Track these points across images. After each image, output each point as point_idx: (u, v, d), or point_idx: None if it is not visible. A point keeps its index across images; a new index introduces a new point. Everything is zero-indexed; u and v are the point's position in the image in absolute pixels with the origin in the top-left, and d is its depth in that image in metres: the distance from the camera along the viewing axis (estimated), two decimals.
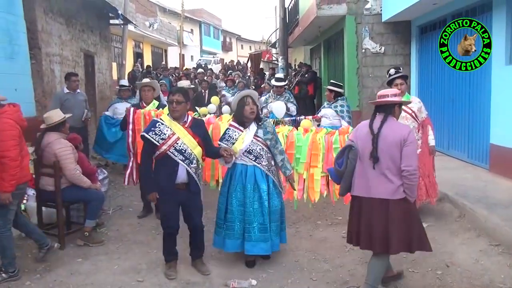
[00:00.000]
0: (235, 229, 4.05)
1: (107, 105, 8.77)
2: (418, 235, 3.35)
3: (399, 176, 3.28)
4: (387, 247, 3.31)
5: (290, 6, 15.96)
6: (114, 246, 4.72)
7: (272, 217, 4.07)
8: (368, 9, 10.10)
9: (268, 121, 4.33)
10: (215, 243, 4.23)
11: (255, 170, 4.06)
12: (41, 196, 4.79)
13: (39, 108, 7.51)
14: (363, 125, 3.54)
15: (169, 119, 3.88)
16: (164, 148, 3.76)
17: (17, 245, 4.66)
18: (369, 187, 3.36)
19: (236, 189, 4.07)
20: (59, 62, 8.94)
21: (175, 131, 3.81)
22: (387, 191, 3.30)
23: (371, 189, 3.35)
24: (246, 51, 41.63)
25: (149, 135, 3.79)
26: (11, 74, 6.64)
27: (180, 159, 3.80)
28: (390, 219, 3.28)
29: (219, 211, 4.19)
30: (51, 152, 4.59)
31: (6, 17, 6.60)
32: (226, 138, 4.13)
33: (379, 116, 3.43)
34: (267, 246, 4.02)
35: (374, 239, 3.34)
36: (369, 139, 3.37)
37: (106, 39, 12.77)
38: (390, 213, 3.28)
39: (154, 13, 31.55)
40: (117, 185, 7.13)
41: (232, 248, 4.10)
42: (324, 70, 15.09)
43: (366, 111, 10.13)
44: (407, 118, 4.92)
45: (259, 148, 4.06)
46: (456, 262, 4.07)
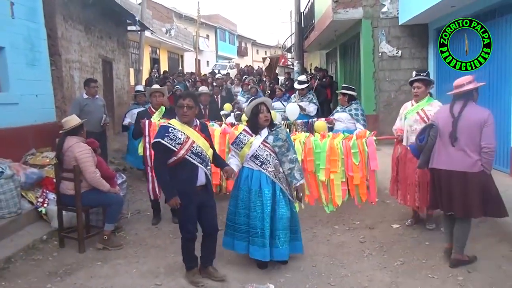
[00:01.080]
0: (243, 231, 4.09)
1: (125, 110, 8.88)
2: (495, 202, 3.92)
3: (477, 152, 3.84)
4: (469, 213, 3.92)
5: (306, 11, 15.98)
6: (133, 250, 4.77)
7: (278, 225, 4.02)
8: (384, 12, 10.06)
9: (281, 128, 4.30)
10: (224, 243, 4.24)
11: (260, 175, 4.06)
12: (61, 200, 4.87)
13: (59, 114, 7.65)
14: (443, 109, 4.18)
15: (179, 124, 3.82)
16: (182, 152, 3.74)
17: (37, 248, 4.77)
18: (449, 161, 3.95)
19: (242, 192, 4.11)
20: (78, 68, 9.09)
21: (189, 134, 3.79)
22: (466, 165, 3.87)
23: (452, 163, 3.93)
24: (261, 56, 41.68)
25: (165, 141, 3.69)
26: (33, 81, 6.80)
27: (198, 162, 3.81)
28: (470, 189, 3.85)
29: (229, 213, 4.22)
30: (71, 156, 4.67)
31: (28, 25, 6.75)
32: (237, 142, 4.17)
33: (458, 102, 3.97)
34: (265, 252, 4.00)
35: (455, 205, 3.94)
36: (449, 121, 3.95)
37: (124, 45, 12.94)
38: (469, 184, 3.85)
39: (171, 19, 31.87)
40: (135, 190, 7.21)
41: (241, 250, 4.13)
42: (340, 74, 15.04)
43: (383, 115, 10.07)
44: (420, 122, 4.77)
45: (266, 154, 4.06)
46: (478, 268, 4.00)
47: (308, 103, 7.74)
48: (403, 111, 5.10)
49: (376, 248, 4.63)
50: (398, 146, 5.12)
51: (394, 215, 5.59)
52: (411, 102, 5.09)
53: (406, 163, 4.95)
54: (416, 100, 4.93)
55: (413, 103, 5.01)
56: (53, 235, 5.09)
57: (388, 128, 7.16)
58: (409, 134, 4.90)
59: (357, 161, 4.75)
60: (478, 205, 3.86)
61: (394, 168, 5.15)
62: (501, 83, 6.68)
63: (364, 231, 5.16)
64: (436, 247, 4.51)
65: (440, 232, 4.89)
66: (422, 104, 4.88)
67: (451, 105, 4.02)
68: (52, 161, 5.99)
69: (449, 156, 3.95)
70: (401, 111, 5.20)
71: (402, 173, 5.02)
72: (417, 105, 4.91)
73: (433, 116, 4.28)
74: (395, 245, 4.68)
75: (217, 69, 29.23)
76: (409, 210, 5.46)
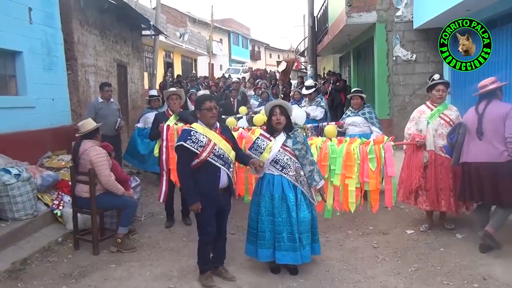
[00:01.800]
0: (266, 238, 4.04)
1: (139, 113, 8.96)
2: None
3: (503, 143, 4.21)
4: (501, 201, 4.27)
5: (319, 14, 15.97)
6: (146, 253, 4.80)
7: (301, 228, 4.01)
8: (399, 16, 10.01)
9: (298, 131, 4.29)
10: (247, 251, 4.23)
11: (282, 180, 4.04)
12: (76, 202, 4.93)
13: (75, 117, 7.76)
14: (470, 110, 4.57)
15: (202, 127, 3.86)
16: (204, 155, 3.77)
17: (53, 250, 4.83)
18: (478, 154, 4.34)
19: (264, 198, 4.07)
20: (93, 73, 9.21)
21: (210, 137, 3.83)
22: (494, 156, 4.24)
23: (480, 155, 4.32)
24: (274, 60, 41.76)
25: (187, 143, 3.74)
26: (49, 85, 6.91)
27: (221, 164, 3.83)
28: (500, 178, 4.21)
29: (251, 220, 4.19)
30: (87, 159, 4.73)
31: (46, 30, 6.87)
32: (254, 147, 4.15)
33: (483, 101, 4.42)
34: (296, 256, 3.98)
35: (486, 195, 4.31)
36: (475, 118, 4.39)
37: (138, 49, 13.07)
38: (499, 173, 4.21)
39: (184, 23, 32.12)
40: (148, 193, 7.26)
41: (264, 258, 4.08)
42: (353, 79, 14.98)
43: (397, 119, 10.00)
44: (446, 126, 4.87)
45: (286, 158, 4.04)
46: (494, 275, 3.94)
47: (315, 107, 7.76)
48: (420, 115, 5.05)
49: (390, 253, 4.59)
50: (423, 151, 4.96)
51: (408, 221, 5.53)
52: (425, 106, 5.06)
53: (436, 167, 4.90)
54: (439, 103, 4.92)
55: (430, 107, 4.98)
56: (68, 237, 5.15)
57: (402, 132, 7.08)
58: (435, 138, 4.90)
59: (373, 167, 4.65)
60: (509, 193, 4.19)
61: (417, 175, 4.99)
62: None
63: (377, 236, 5.12)
64: (451, 253, 4.46)
65: (456, 238, 4.84)
66: (441, 108, 4.92)
67: (476, 104, 4.48)
68: (67, 164, 6.08)
69: (478, 149, 4.35)
70: (415, 115, 5.14)
71: (433, 178, 4.92)
72: (436, 109, 4.93)
73: (462, 118, 4.71)
74: (409, 251, 4.63)
75: (229, 73, 29.30)
76: (423, 216, 5.41)
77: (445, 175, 4.87)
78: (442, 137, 4.87)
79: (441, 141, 4.88)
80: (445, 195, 4.89)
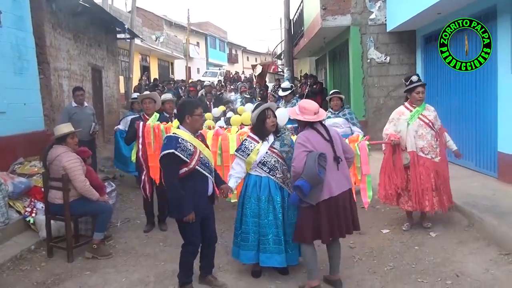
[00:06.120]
0: (250, 240, 4.01)
1: (115, 118, 8.89)
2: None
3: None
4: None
5: (295, 18, 16.07)
6: (122, 259, 4.74)
7: (288, 230, 3.99)
8: (372, 19, 10.15)
9: (286, 133, 4.26)
10: (233, 253, 4.21)
11: (269, 182, 4.02)
12: (49, 209, 4.83)
13: (48, 122, 7.61)
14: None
15: (187, 134, 3.73)
16: (193, 163, 3.66)
17: (25, 258, 4.72)
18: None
19: (250, 200, 4.03)
20: (67, 77, 9.06)
21: (196, 145, 3.73)
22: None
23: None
24: (251, 63, 41.85)
25: (178, 152, 3.59)
26: (20, 89, 6.76)
27: (208, 172, 3.79)
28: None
29: (236, 222, 4.17)
30: (60, 165, 4.64)
31: (16, 33, 6.72)
32: (242, 149, 4.08)
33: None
34: (281, 259, 3.97)
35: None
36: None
37: (113, 53, 12.92)
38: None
39: (161, 26, 31.93)
40: (124, 198, 7.17)
41: (246, 260, 4.07)
42: (329, 81, 15.13)
43: (372, 121, 10.14)
44: (425, 126, 4.93)
45: (274, 160, 4.02)
46: (466, 272, 4.02)
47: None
48: (399, 116, 5.09)
49: (366, 253, 4.65)
50: (405, 152, 4.99)
51: (384, 221, 5.61)
52: (404, 107, 5.13)
53: (419, 168, 4.93)
54: (419, 105, 4.99)
55: (409, 108, 5.05)
56: (41, 245, 5.04)
57: (377, 133, 7.20)
58: (416, 140, 4.95)
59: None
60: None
61: (399, 175, 5.02)
62: (487, 88, 6.76)
63: (354, 236, 5.12)
64: (425, 251, 4.54)
65: (430, 236, 4.93)
66: (420, 109, 4.99)
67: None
68: (40, 170, 5.94)
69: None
70: (394, 116, 5.18)
71: (416, 178, 4.94)
72: (415, 110, 4.99)
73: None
74: (385, 250, 4.70)
75: (206, 76, 29.20)
76: (399, 215, 5.49)
77: (427, 176, 4.91)
78: (423, 138, 4.92)
79: (421, 142, 4.92)
80: (428, 196, 4.93)
